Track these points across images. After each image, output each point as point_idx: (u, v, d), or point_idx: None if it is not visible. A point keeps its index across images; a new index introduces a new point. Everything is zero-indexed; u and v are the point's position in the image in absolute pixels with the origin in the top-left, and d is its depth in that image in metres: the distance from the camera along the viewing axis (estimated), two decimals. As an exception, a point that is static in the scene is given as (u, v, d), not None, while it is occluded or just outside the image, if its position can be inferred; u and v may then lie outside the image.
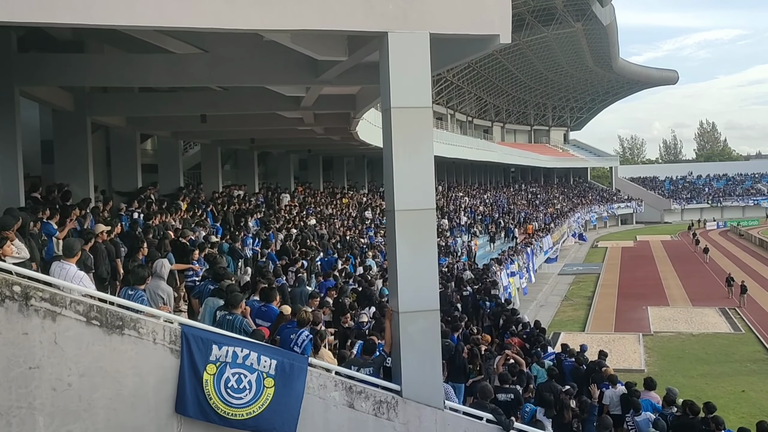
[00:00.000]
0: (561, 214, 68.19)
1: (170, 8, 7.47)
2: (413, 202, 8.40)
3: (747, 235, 73.54)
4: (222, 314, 8.86)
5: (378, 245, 26.53)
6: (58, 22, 7.40)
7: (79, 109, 16.69)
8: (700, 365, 27.00)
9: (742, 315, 35.56)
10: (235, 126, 22.09)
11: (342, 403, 7.91)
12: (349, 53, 10.80)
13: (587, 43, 72.88)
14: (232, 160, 33.96)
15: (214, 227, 18.12)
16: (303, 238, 20.91)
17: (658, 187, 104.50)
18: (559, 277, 49.87)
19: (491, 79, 78.45)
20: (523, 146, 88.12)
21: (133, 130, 20.54)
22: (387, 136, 8.48)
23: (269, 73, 13.67)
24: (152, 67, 13.60)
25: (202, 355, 7.18)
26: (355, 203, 36.21)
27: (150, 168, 24.19)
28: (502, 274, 31.41)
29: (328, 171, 42.03)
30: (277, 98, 16.87)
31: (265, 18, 7.88)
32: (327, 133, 24.79)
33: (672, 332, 32.58)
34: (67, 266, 7.78)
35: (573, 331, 32.14)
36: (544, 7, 63.46)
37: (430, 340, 8.48)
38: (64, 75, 13.65)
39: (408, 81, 8.39)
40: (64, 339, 6.57)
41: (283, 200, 28.33)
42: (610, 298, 41.39)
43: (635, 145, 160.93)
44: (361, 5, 8.18)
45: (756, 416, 21.17)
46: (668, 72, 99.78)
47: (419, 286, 8.41)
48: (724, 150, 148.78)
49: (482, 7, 8.75)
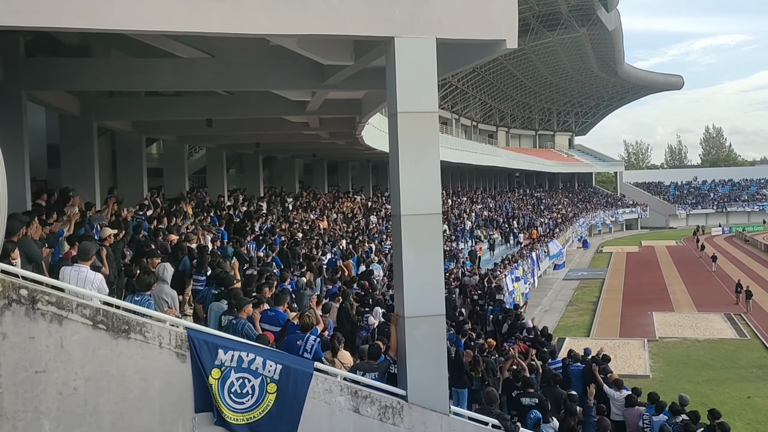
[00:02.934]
0: (566, 220, 68.08)
1: (177, 12, 7.50)
2: (419, 206, 8.40)
3: (752, 241, 73.30)
4: (228, 319, 8.88)
5: (383, 250, 26.52)
6: (67, 26, 7.40)
7: (85, 114, 16.72)
8: (705, 371, 26.90)
9: (748, 321, 35.43)
10: (241, 130, 22.13)
11: (347, 407, 7.90)
12: (355, 58, 10.82)
13: (592, 49, 72.84)
14: (237, 164, 34.02)
15: (219, 231, 18.13)
16: (307, 242, 20.92)
17: (663, 192, 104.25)
18: (564, 282, 49.76)
19: (496, 83, 78.47)
20: (528, 151, 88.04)
21: (139, 134, 20.58)
22: (393, 141, 8.49)
23: (275, 77, 13.71)
24: (159, 71, 13.65)
25: (208, 359, 7.19)
26: (359, 207, 36.20)
27: (155, 172, 24.25)
28: (507, 279, 31.36)
29: (333, 175, 42.08)
30: (282, 103, 16.90)
31: (272, 23, 7.90)
32: (332, 137, 24.82)
33: (677, 338, 32.48)
34: (84, 269, 7.81)
35: (578, 337, 32.07)
36: (549, 12, 63.45)
37: (436, 345, 8.47)
38: (71, 79, 13.70)
39: (414, 86, 8.40)
40: (70, 343, 6.57)
41: (287, 204, 28.37)
42: (614, 303, 41.28)
43: (640, 150, 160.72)
44: (367, 10, 8.20)
45: (762, 422, 21.16)
46: (673, 77, 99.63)
47: (425, 291, 8.40)
48: (729, 155, 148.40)
49: (489, 12, 8.76)
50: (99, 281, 7.77)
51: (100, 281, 7.81)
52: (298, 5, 7.87)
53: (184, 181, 24.29)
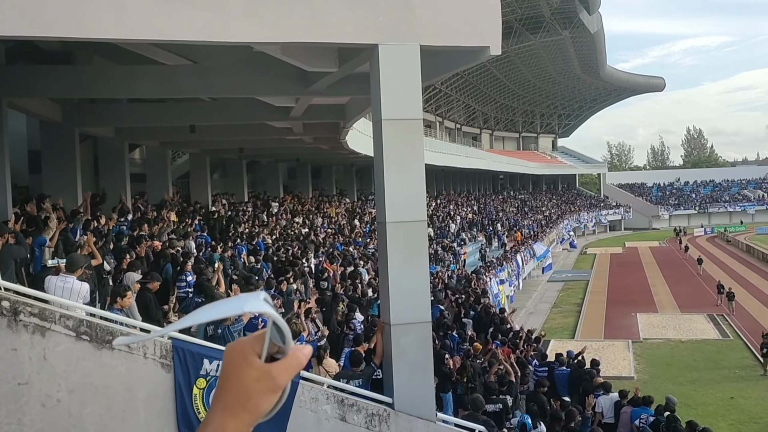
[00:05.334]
0: (550, 221, 68.35)
1: (161, 21, 7.45)
2: (404, 214, 8.40)
3: (734, 241, 73.91)
4: (211, 328, 8.81)
5: (368, 254, 26.47)
6: (50, 36, 7.38)
7: (67, 120, 16.60)
8: (689, 372, 27.07)
9: (730, 321, 35.70)
10: (224, 136, 22.06)
11: (334, 416, 7.89)
12: (339, 65, 10.81)
13: (575, 51, 73.24)
14: (220, 169, 33.89)
15: (202, 237, 18.03)
16: (292, 247, 20.87)
17: (645, 193, 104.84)
18: (549, 284, 49.91)
19: (480, 86, 78.66)
20: (512, 153, 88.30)
21: (122, 140, 20.46)
22: (378, 148, 8.48)
23: (259, 84, 13.66)
24: (142, 78, 13.56)
25: (193, 370, 7.15)
26: (343, 212, 36.16)
27: (138, 177, 24.11)
28: (491, 282, 31.42)
29: (317, 179, 42.02)
30: (266, 108, 16.85)
31: (256, 31, 7.88)
32: (316, 142, 24.79)
33: (661, 339, 32.68)
34: (70, 279, 7.75)
35: (563, 339, 32.16)
36: (532, 16, 63.75)
37: (422, 352, 8.47)
38: (53, 87, 13.58)
39: (399, 93, 8.41)
40: (53, 354, 6.52)
41: (272, 209, 28.30)
42: (599, 305, 41.44)
43: (623, 152, 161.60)
44: (351, 18, 8.20)
45: (745, 423, 21.32)
46: (655, 79, 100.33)
47: (411, 298, 8.40)
48: (710, 156, 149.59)
49: (472, 19, 8.78)
50: (85, 291, 7.72)
51: (86, 291, 7.76)
52: (282, 13, 7.86)
53: (168, 186, 24.17)
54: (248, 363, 1.17)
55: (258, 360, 1.17)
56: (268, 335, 1.16)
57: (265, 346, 1.17)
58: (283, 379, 1.19)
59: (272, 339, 1.16)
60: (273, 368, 1.18)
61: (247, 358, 1.18)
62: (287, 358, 1.19)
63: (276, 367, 1.18)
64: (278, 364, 1.18)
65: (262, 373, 1.17)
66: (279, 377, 1.18)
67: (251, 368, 1.17)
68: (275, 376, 1.18)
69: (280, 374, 1.18)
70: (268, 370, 1.17)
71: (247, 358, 1.18)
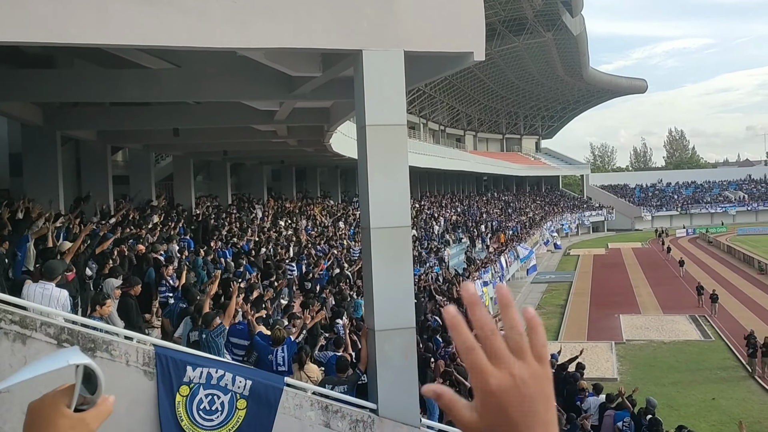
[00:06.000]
0: (533, 223, 68.62)
1: (144, 26, 7.39)
2: (389, 219, 8.38)
3: (716, 242, 74.56)
4: (194, 335, 8.77)
5: (351, 256, 26.45)
6: (32, 41, 7.29)
7: (48, 123, 16.47)
8: (671, 373, 27.29)
9: (712, 322, 36.01)
10: (208, 139, 21.97)
11: (318, 422, 7.87)
12: (323, 69, 10.80)
13: (558, 53, 73.63)
14: (204, 172, 33.76)
15: (185, 241, 17.94)
16: (277, 250, 20.82)
17: (628, 194, 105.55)
18: (532, 285, 50.11)
19: (463, 88, 78.88)
20: (496, 155, 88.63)
21: (104, 143, 20.33)
22: (362, 154, 8.46)
23: (243, 88, 13.62)
24: (125, 82, 13.47)
25: (176, 377, 7.12)
26: (327, 214, 36.10)
27: (121, 179, 23.95)
28: (476, 284, 31.47)
29: (301, 181, 41.93)
30: (250, 112, 16.80)
31: (239, 36, 7.84)
32: (300, 145, 24.73)
33: (644, 340, 32.91)
34: (49, 286, 7.69)
35: (546, 340, 32.26)
36: (515, 18, 64.01)
37: (407, 358, 8.46)
38: (34, 91, 13.48)
39: (383, 98, 8.39)
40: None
41: (256, 211, 28.23)
42: (582, 306, 41.67)
43: (606, 153, 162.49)
44: (335, 23, 8.18)
45: (726, 424, 21.50)
46: (637, 81, 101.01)
47: (395, 304, 8.37)
48: (692, 158, 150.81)
49: (456, 25, 8.79)
50: (64, 298, 7.66)
51: (65, 298, 7.70)
52: (265, 19, 7.83)
53: (151, 189, 24.05)
54: (61, 413, 1.23)
55: (69, 410, 1.23)
56: (77, 388, 1.22)
57: (74, 398, 1.23)
58: (95, 426, 1.26)
59: (81, 392, 1.23)
60: (86, 416, 1.24)
61: (58, 409, 1.23)
62: (98, 406, 1.25)
63: (89, 414, 1.24)
64: (91, 411, 1.25)
65: (75, 421, 1.23)
66: (92, 423, 1.25)
67: (64, 418, 1.22)
68: (88, 422, 1.24)
69: (92, 421, 1.25)
70: (82, 418, 1.23)
71: (58, 409, 1.23)
